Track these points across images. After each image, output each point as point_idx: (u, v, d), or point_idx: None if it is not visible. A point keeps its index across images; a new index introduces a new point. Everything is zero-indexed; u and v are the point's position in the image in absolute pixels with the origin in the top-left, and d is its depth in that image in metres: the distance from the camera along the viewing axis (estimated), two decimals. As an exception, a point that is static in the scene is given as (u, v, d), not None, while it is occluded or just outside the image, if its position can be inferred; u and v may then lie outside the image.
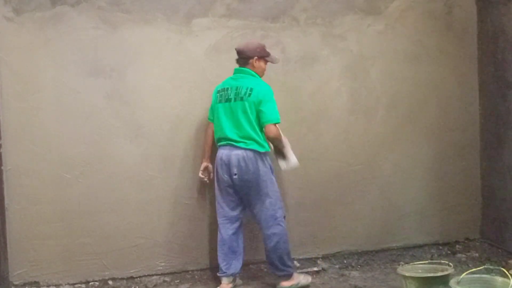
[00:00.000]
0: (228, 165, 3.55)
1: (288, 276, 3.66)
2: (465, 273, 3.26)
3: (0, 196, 3.71)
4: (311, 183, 4.26)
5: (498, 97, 4.28)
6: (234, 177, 3.54)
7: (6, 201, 3.71)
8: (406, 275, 3.35)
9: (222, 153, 3.59)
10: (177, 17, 3.95)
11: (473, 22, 4.46)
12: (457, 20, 4.45)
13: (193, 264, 4.06)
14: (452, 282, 3.29)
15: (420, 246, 4.42)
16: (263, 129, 3.57)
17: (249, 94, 3.55)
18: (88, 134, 3.85)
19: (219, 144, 3.66)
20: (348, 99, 4.29)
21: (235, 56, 3.93)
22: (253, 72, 3.65)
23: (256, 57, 3.65)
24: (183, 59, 3.98)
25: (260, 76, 3.68)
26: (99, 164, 3.86)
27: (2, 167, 3.71)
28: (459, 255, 4.28)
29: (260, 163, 3.56)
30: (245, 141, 3.55)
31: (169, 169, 3.99)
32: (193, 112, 4.02)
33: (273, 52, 4.09)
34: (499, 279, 3.29)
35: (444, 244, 4.45)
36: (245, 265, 3.98)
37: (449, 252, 4.35)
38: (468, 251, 4.33)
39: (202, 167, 3.82)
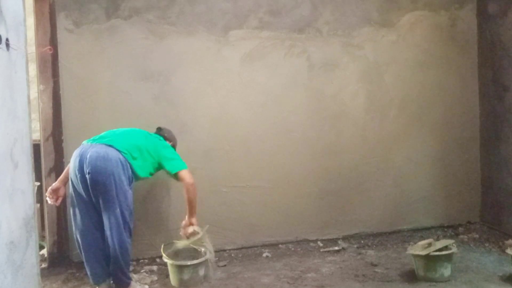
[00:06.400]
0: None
1: (127, 285, 3.40)
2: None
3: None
4: (332, 173, 4.36)
5: (495, 98, 4.39)
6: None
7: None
8: (415, 253, 3.42)
9: None
10: (216, 29, 4.09)
11: (474, 33, 4.56)
12: (459, 31, 4.55)
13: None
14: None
15: (427, 228, 4.51)
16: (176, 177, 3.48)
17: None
18: (139, 132, 3.68)
19: None
20: (365, 100, 4.39)
21: (266, 63, 4.06)
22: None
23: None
24: (221, 65, 4.11)
25: None
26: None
27: (64, 160, 3.84)
28: (461, 236, 4.39)
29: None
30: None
31: (209, 161, 4.11)
32: (230, 111, 4.16)
33: (299, 60, 4.17)
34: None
35: (449, 227, 4.55)
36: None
37: (453, 233, 4.47)
38: (470, 233, 4.44)
39: None
